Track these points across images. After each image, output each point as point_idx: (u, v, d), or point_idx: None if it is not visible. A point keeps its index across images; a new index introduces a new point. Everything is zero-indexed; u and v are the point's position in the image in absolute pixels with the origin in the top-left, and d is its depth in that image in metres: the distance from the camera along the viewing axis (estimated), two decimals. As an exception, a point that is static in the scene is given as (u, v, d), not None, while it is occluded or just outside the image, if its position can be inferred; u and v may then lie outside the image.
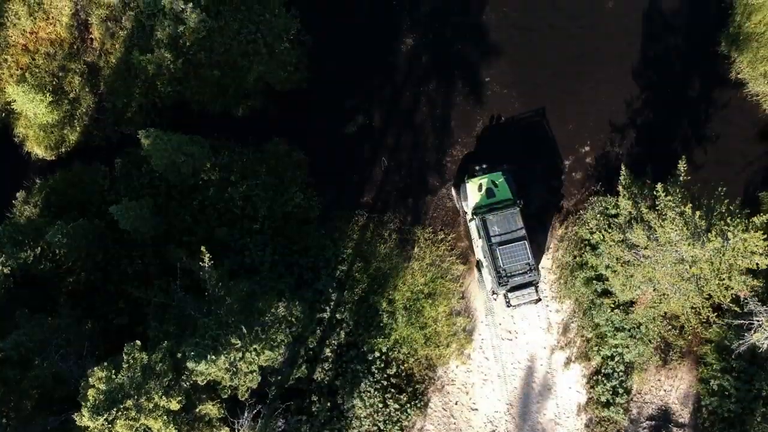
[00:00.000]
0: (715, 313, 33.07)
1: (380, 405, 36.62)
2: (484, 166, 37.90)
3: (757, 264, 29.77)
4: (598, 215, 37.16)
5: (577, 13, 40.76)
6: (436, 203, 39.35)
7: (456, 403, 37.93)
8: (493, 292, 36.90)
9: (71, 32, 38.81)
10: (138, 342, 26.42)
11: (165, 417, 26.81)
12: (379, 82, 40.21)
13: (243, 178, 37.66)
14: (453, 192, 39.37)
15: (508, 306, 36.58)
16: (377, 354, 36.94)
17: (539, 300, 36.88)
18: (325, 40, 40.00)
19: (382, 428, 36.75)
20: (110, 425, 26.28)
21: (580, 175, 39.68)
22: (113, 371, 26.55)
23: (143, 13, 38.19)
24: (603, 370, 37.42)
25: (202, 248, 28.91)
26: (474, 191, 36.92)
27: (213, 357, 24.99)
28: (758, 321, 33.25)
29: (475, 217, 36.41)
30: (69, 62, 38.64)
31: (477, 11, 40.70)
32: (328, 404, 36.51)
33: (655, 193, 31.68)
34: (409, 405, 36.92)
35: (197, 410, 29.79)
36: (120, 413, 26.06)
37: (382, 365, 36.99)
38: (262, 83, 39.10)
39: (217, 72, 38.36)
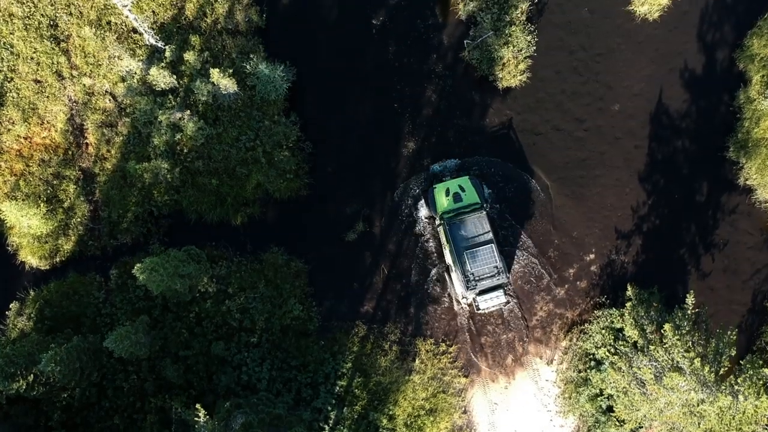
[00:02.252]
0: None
1: None
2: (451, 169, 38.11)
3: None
4: (603, 330, 36.39)
5: (583, 115, 39.81)
6: (437, 313, 38.46)
7: None
8: (463, 296, 36.57)
9: (66, 138, 38.02)
10: None
11: None
12: (379, 188, 39.23)
13: (240, 290, 37.05)
14: (422, 197, 38.80)
15: (477, 310, 36.38)
16: (377, 474, 36.21)
17: (508, 302, 36.72)
18: (326, 145, 39.12)
19: None
20: None
21: (584, 284, 38.81)
22: None
23: (139, 120, 37.45)
24: (607, 490, 36.65)
25: (198, 405, 28.18)
26: (441, 196, 36.50)
27: None
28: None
29: (442, 221, 35.98)
30: (64, 169, 37.81)
31: (480, 114, 39.75)
32: None
33: (662, 332, 30.91)
34: None
35: None
36: None
37: (382, 485, 36.25)
38: (260, 191, 38.21)
39: (215, 181, 37.54)
